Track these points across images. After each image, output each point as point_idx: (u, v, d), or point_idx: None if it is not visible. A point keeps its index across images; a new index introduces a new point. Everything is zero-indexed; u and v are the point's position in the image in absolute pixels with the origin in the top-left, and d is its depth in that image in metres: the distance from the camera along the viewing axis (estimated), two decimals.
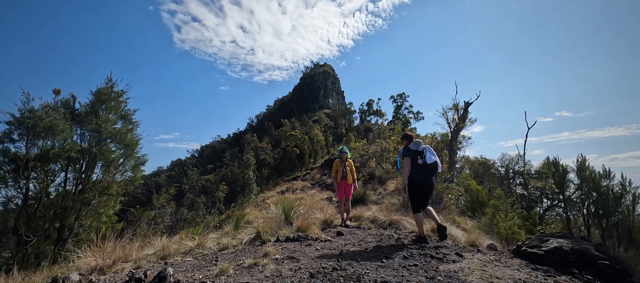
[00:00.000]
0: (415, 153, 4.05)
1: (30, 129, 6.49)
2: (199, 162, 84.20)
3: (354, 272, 2.82)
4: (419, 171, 4.01)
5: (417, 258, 3.34)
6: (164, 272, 2.73)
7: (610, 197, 6.55)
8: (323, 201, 9.09)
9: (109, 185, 7.85)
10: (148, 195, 28.15)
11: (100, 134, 7.52)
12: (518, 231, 5.09)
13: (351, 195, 5.98)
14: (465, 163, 17.62)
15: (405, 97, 56.06)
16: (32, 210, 6.70)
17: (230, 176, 44.45)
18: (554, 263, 3.26)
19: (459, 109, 14.85)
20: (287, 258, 3.36)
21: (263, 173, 38.60)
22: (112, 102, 7.94)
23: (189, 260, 3.63)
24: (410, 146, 4.17)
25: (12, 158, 6.48)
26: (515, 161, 14.58)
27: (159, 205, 23.36)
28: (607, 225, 6.56)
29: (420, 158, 4.00)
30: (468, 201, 8.40)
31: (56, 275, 3.16)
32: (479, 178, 14.51)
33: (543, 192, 9.83)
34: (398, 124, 30.84)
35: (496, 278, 2.77)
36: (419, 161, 4.00)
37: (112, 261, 3.48)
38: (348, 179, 5.80)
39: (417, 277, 2.76)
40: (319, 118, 70.61)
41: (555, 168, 7.73)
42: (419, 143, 4.13)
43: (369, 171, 13.39)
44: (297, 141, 41.88)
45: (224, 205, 33.18)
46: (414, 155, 4.06)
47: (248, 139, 65.27)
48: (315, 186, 15.70)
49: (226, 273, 2.92)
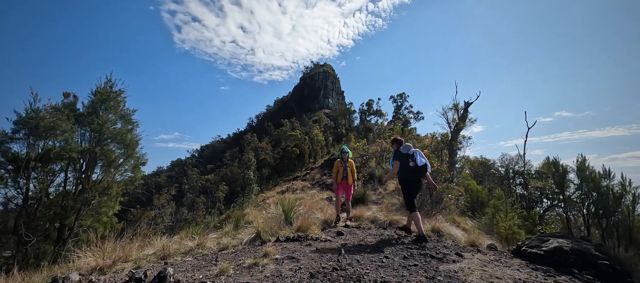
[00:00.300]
0: (407, 156, 4.37)
1: (33, 129, 6.50)
2: (199, 162, 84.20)
3: (354, 272, 2.82)
4: (411, 173, 4.33)
5: (417, 258, 3.34)
6: (164, 272, 2.73)
7: (610, 197, 6.54)
8: (323, 201, 9.09)
9: (109, 185, 7.85)
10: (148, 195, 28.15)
11: (100, 134, 7.53)
12: (518, 231, 5.09)
13: (351, 195, 5.97)
14: (465, 163, 17.62)
15: (405, 97, 56.01)
16: (32, 210, 6.70)
17: (230, 176, 44.47)
18: (554, 263, 3.26)
19: (459, 109, 14.85)
20: (287, 258, 3.36)
21: (263, 173, 38.61)
22: (111, 102, 7.94)
23: (189, 260, 3.63)
24: (401, 149, 4.46)
25: (12, 158, 6.48)
26: (515, 161, 14.58)
27: (159, 205, 23.37)
28: (607, 225, 6.55)
29: (411, 160, 4.31)
30: (468, 201, 8.40)
31: (56, 275, 3.16)
32: (479, 178, 14.50)
33: (543, 192, 9.82)
34: (398, 124, 30.84)
35: (496, 278, 2.77)
36: (410, 163, 4.32)
37: (112, 261, 3.47)
38: (348, 179, 5.79)
39: (417, 277, 2.76)
40: (319, 118, 70.62)
41: (555, 168, 7.72)
42: (409, 147, 4.44)
43: (369, 171, 13.39)
44: (297, 141, 41.88)
45: (224, 205, 33.18)
46: (405, 158, 4.37)
47: (248, 139, 65.29)
48: (315, 186, 15.70)
49: (226, 273, 2.92)
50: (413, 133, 23.17)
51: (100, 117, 7.59)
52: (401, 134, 17.39)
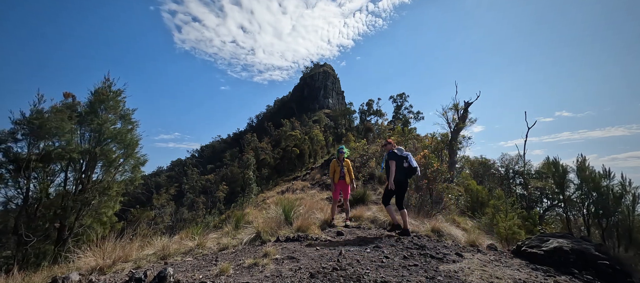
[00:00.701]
0: (401, 158, 4.68)
1: (36, 129, 6.51)
2: (199, 162, 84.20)
3: (354, 272, 2.82)
4: (402, 173, 4.66)
5: (417, 258, 3.34)
6: (164, 272, 2.73)
7: (610, 197, 6.54)
8: (323, 201, 9.09)
9: (109, 185, 7.85)
10: (148, 195, 28.14)
11: (100, 134, 7.53)
12: (518, 231, 5.09)
13: (349, 195, 5.96)
14: (465, 163, 17.61)
15: (405, 97, 56.02)
16: (32, 210, 6.70)
17: (230, 176, 44.46)
18: (554, 263, 3.26)
19: (459, 109, 14.85)
20: (287, 258, 3.36)
21: (263, 173, 38.60)
22: (110, 102, 7.93)
23: (189, 260, 3.63)
24: (396, 151, 4.75)
25: (13, 158, 6.48)
26: (515, 161, 14.56)
27: (159, 205, 23.38)
28: (607, 225, 6.55)
29: (406, 162, 4.65)
30: (468, 201, 8.40)
31: (56, 275, 3.16)
32: (479, 178, 14.50)
33: (543, 192, 9.82)
34: (398, 124, 30.84)
35: (496, 278, 2.77)
36: (404, 164, 4.64)
37: (112, 261, 3.47)
38: (346, 179, 5.77)
39: (417, 277, 2.76)
40: (319, 118, 70.62)
41: (555, 168, 7.72)
42: (402, 149, 4.80)
43: (369, 171, 13.39)
44: (297, 141, 41.88)
45: (224, 205, 33.18)
46: (400, 159, 4.67)
47: (248, 139, 65.26)
48: (315, 186, 15.71)
49: (226, 273, 2.92)
50: (413, 133, 23.16)
51: (100, 117, 7.58)
52: (401, 134, 17.40)
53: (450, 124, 14.86)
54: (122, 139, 7.99)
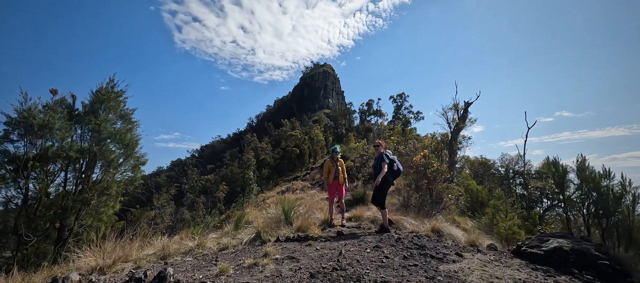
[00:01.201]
0: (392, 161, 5.11)
1: (28, 128, 6.49)
2: (199, 162, 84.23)
3: (354, 272, 2.82)
4: (393, 175, 5.10)
5: (417, 258, 3.34)
6: (164, 272, 2.73)
7: (610, 197, 6.53)
8: (323, 201, 9.09)
9: (108, 185, 7.84)
10: (148, 195, 28.14)
11: (99, 134, 7.52)
12: (518, 231, 5.09)
13: (344, 194, 5.95)
14: (465, 163, 17.59)
15: (405, 97, 56.02)
16: (32, 210, 6.70)
17: (230, 176, 44.43)
18: (554, 263, 3.26)
19: (459, 109, 14.84)
20: (287, 258, 3.36)
21: (263, 173, 38.60)
22: (111, 102, 7.93)
23: (189, 260, 3.63)
24: (388, 154, 5.15)
25: (11, 158, 6.48)
26: (515, 161, 14.55)
27: (159, 205, 23.38)
28: (607, 225, 6.55)
29: (394, 164, 5.09)
30: (468, 201, 8.40)
31: (56, 275, 3.16)
32: (479, 178, 14.49)
33: (543, 192, 9.82)
34: (398, 124, 30.84)
35: (496, 278, 2.77)
36: (394, 167, 5.08)
37: (112, 261, 3.47)
38: (340, 179, 5.76)
39: (417, 277, 2.76)
40: (319, 118, 70.65)
41: (555, 168, 7.72)
42: (389, 153, 5.24)
43: (369, 172, 13.39)
44: (297, 141, 41.88)
45: (224, 205, 33.18)
46: (391, 162, 5.08)
47: (248, 139, 65.27)
48: (315, 186, 15.71)
49: (226, 273, 2.92)
50: (413, 133, 23.15)
51: (99, 116, 7.58)
52: (401, 134, 17.41)
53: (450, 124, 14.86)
54: (121, 139, 7.98)
